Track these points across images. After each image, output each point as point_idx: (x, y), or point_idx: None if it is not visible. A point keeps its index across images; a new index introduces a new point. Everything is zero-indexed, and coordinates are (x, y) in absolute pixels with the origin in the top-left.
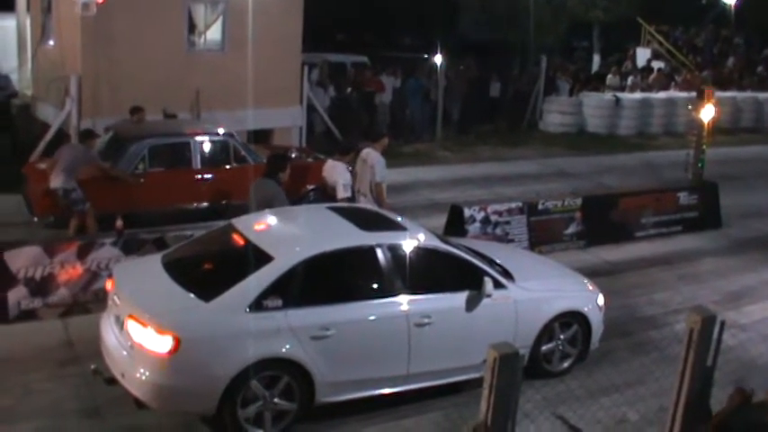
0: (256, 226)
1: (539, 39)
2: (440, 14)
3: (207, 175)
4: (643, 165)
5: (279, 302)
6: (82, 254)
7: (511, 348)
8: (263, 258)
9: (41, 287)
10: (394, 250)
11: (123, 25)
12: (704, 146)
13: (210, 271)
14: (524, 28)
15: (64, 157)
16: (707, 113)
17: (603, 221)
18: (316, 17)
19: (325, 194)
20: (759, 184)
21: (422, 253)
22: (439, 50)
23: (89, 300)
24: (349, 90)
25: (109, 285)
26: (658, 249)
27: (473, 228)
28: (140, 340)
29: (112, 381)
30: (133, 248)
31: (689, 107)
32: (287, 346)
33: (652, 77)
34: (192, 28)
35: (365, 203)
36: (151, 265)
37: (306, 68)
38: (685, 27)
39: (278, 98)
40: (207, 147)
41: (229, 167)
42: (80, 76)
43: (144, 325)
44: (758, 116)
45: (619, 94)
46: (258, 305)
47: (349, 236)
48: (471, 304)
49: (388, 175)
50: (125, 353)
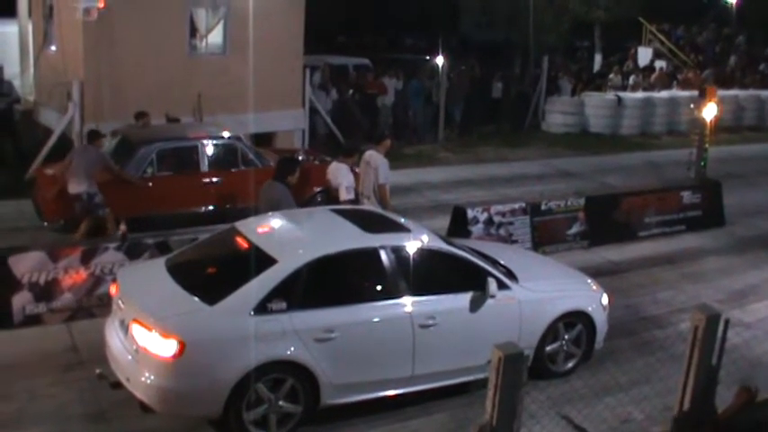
0: (260, 229)
1: (540, 39)
2: (441, 16)
3: (215, 179)
4: (646, 164)
5: (283, 305)
6: (86, 258)
7: (516, 349)
8: (267, 261)
9: (46, 292)
10: (398, 252)
11: (125, 30)
12: (707, 145)
13: (214, 274)
14: (526, 28)
15: (80, 162)
16: (709, 112)
17: (607, 221)
18: (317, 20)
19: (329, 197)
20: (762, 182)
21: (425, 254)
22: (441, 52)
23: (94, 304)
24: (351, 92)
25: (113, 290)
26: (662, 248)
27: (476, 229)
28: (145, 344)
29: (117, 385)
30: (137, 253)
31: (691, 106)
32: (291, 349)
33: (654, 77)
34: (194, 32)
35: (369, 205)
36: (155, 269)
37: (308, 71)
38: (687, 26)
39: (280, 101)
40: (215, 150)
41: (237, 171)
42: (82, 81)
43: (149, 329)
44: (761, 114)
45: (621, 94)
46: (262, 308)
47: (352, 238)
48: (475, 305)
49: (391, 177)
50: (130, 357)
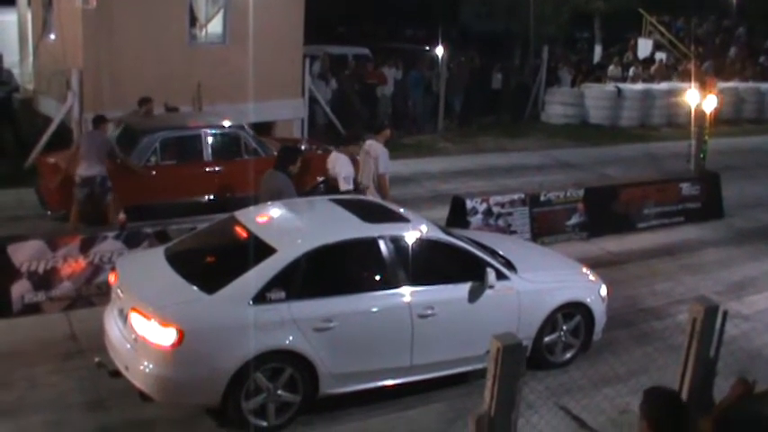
0: (259, 218)
1: (540, 30)
2: (441, 6)
3: (218, 168)
4: (645, 156)
5: (282, 294)
6: (85, 247)
7: (514, 339)
8: (266, 250)
9: (45, 281)
10: (397, 242)
11: (124, 18)
12: (706, 137)
13: (214, 263)
14: (526, 19)
15: (90, 146)
16: (708, 104)
17: (606, 212)
18: (317, 9)
19: (330, 186)
20: (761, 175)
21: (424, 244)
22: (440, 42)
23: (92, 293)
24: (347, 73)
25: (112, 278)
26: (661, 240)
27: (475, 219)
28: (144, 333)
29: (116, 373)
30: (136, 241)
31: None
32: (290, 338)
33: (654, 68)
34: (194, 21)
35: (368, 195)
36: (154, 258)
37: (307, 61)
38: (687, 17)
39: (279, 90)
40: (218, 139)
41: (240, 160)
42: (81, 70)
43: (147, 318)
44: (760, 106)
45: (620, 86)
46: (261, 297)
47: (352, 228)
48: (474, 295)
49: (391, 167)
50: (129, 346)
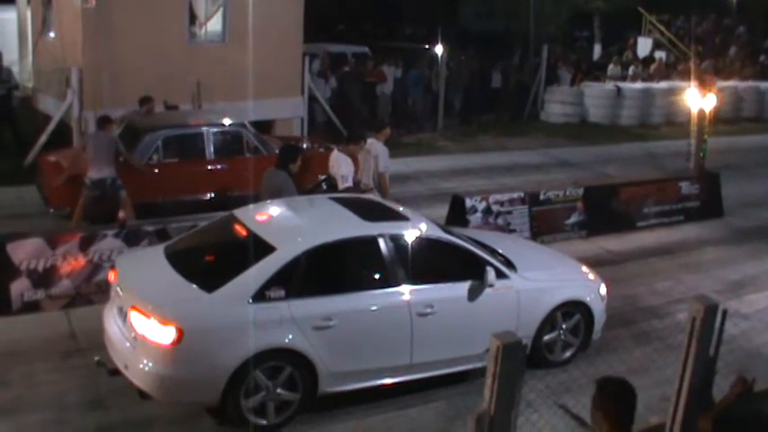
0: (258, 216)
1: (540, 28)
2: (441, 4)
3: (220, 166)
4: (644, 154)
5: (281, 293)
6: (84, 245)
7: (514, 338)
8: (266, 249)
9: (44, 279)
10: (396, 240)
11: (124, 17)
12: (705, 135)
13: (213, 262)
14: (525, 18)
15: (97, 148)
16: (708, 103)
17: (605, 211)
18: (317, 7)
19: (332, 185)
20: (760, 174)
21: (424, 243)
22: (440, 41)
23: (92, 291)
24: (346, 70)
25: (111, 277)
26: (660, 239)
27: (475, 218)
28: (143, 331)
29: (116, 372)
30: (136, 240)
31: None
32: (290, 337)
33: (653, 67)
34: (193, 19)
35: (368, 194)
36: (154, 257)
37: (307, 59)
38: (686, 16)
39: (279, 89)
40: (220, 137)
41: (242, 158)
42: (81, 68)
43: (147, 316)
44: (759, 106)
45: (620, 84)
46: (261, 296)
47: (351, 226)
48: (473, 294)
49: (391, 166)
50: (128, 344)
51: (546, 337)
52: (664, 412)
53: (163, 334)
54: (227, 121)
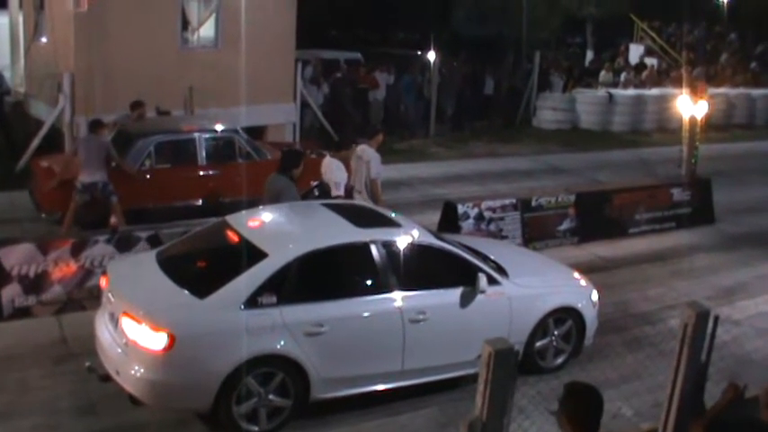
0: (250, 223)
1: (532, 35)
2: (433, 10)
3: (213, 172)
4: (636, 161)
5: (273, 299)
6: (76, 251)
7: (506, 344)
8: (258, 255)
9: (35, 284)
10: (388, 247)
11: (116, 22)
12: (697, 142)
13: (205, 268)
14: (518, 24)
15: (88, 152)
16: (699, 109)
17: (597, 218)
18: (309, 13)
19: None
20: (751, 180)
21: (416, 249)
22: (432, 47)
23: (83, 297)
24: (338, 76)
25: (103, 282)
26: (652, 245)
27: (467, 224)
28: (135, 337)
29: (107, 378)
30: (127, 245)
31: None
32: (281, 343)
33: (645, 74)
34: (186, 25)
35: (360, 200)
36: (146, 262)
37: (299, 65)
38: (678, 23)
39: (271, 95)
40: (213, 143)
41: (235, 163)
42: (73, 73)
43: (138, 322)
44: (751, 112)
45: (612, 91)
46: (253, 302)
47: (343, 232)
48: (465, 300)
49: (383, 172)
50: (120, 350)
51: (538, 344)
52: (656, 418)
53: (154, 340)
54: (219, 127)
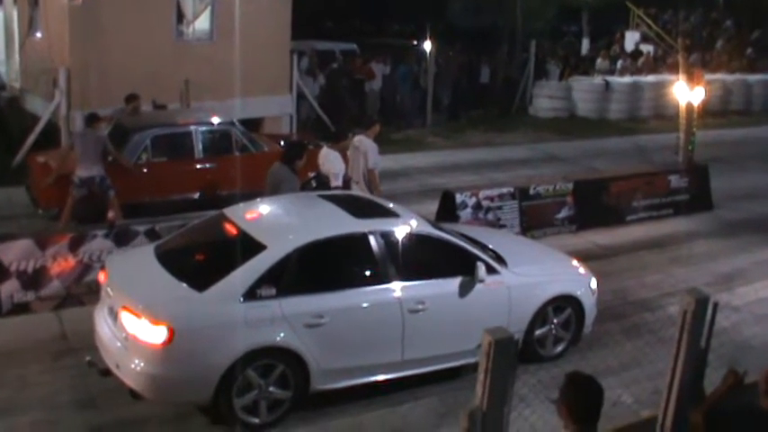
0: (248, 215)
1: (528, 23)
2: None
3: (209, 165)
4: (633, 148)
5: (272, 291)
6: (74, 246)
7: (506, 333)
8: (256, 247)
9: (34, 280)
10: (387, 237)
11: (111, 16)
12: (694, 129)
13: (204, 261)
14: (513, 13)
15: (85, 146)
16: (696, 96)
17: (595, 205)
18: (304, 5)
19: (321, 182)
20: (749, 166)
21: (414, 239)
22: (428, 37)
23: (82, 292)
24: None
25: (102, 277)
26: (650, 232)
27: (465, 213)
28: (134, 331)
29: (107, 372)
30: (125, 240)
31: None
32: (281, 335)
33: (641, 61)
34: (181, 17)
35: (358, 190)
36: (144, 256)
37: (295, 56)
38: (674, 10)
39: (267, 87)
40: (209, 136)
41: (232, 156)
42: (68, 68)
43: (138, 316)
44: (747, 98)
45: (608, 78)
46: (252, 294)
47: (342, 223)
48: (464, 290)
49: (380, 162)
50: (119, 344)
51: (537, 332)
52: (655, 405)
53: (154, 333)
54: (215, 120)
